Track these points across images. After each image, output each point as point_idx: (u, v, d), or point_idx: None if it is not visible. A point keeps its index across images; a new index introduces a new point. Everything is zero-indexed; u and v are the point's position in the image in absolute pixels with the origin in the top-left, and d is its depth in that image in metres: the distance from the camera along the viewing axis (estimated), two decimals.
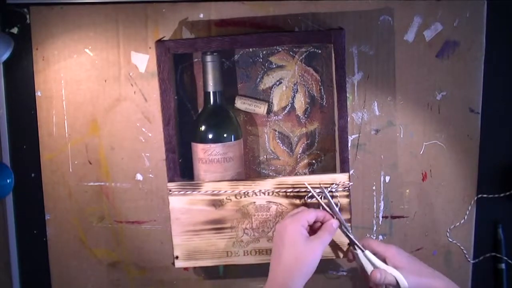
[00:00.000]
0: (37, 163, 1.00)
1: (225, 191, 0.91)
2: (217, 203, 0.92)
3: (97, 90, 0.98)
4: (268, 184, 0.91)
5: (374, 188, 1.00)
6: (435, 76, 0.97)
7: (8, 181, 0.99)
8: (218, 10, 0.95)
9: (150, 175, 1.00)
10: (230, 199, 0.91)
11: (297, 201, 0.91)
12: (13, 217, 1.02)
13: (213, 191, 0.91)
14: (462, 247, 1.02)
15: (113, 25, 0.96)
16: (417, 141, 0.99)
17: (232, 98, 0.97)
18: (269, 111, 0.98)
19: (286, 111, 0.98)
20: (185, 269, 1.03)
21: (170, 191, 0.91)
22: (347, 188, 0.90)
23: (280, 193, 0.91)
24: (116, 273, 1.03)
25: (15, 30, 0.97)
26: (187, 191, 0.91)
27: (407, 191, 1.00)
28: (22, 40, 0.97)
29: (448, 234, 1.01)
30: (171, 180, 0.92)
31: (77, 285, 1.04)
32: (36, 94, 0.98)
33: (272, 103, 0.98)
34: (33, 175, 1.01)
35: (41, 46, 0.97)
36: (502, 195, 1.00)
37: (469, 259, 1.02)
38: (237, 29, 0.95)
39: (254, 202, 0.91)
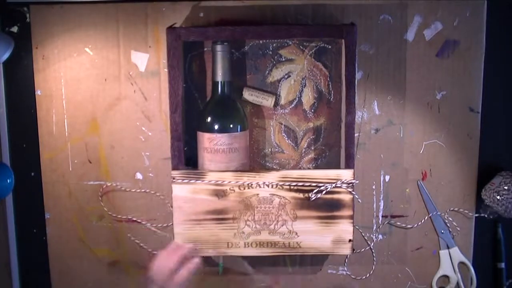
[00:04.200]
0: (37, 162, 1.00)
1: (229, 182, 0.91)
2: (220, 193, 0.91)
3: (97, 89, 0.98)
4: (272, 176, 0.91)
5: (374, 187, 1.00)
6: (435, 76, 0.97)
7: (8, 181, 0.99)
8: (218, 10, 0.95)
9: (150, 174, 1.00)
10: (234, 190, 0.91)
11: (300, 195, 0.91)
12: (13, 216, 1.02)
13: (217, 181, 0.91)
14: (462, 247, 1.02)
15: (113, 24, 0.96)
16: (417, 140, 0.99)
17: (240, 89, 0.97)
18: (276, 104, 0.98)
19: (293, 105, 0.98)
20: None
21: (173, 179, 0.91)
22: (351, 185, 0.90)
23: (284, 186, 0.91)
24: (116, 272, 1.03)
25: (15, 29, 0.97)
26: (190, 180, 0.91)
27: (407, 190, 1.00)
28: (22, 39, 0.97)
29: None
30: (175, 168, 0.91)
31: (77, 284, 1.04)
32: (36, 93, 0.98)
33: (279, 96, 0.98)
34: (33, 174, 1.01)
35: (41, 45, 0.97)
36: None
37: (469, 259, 1.02)
38: None
39: (258, 194, 0.91)
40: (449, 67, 0.97)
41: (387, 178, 1.00)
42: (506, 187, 0.95)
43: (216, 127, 0.92)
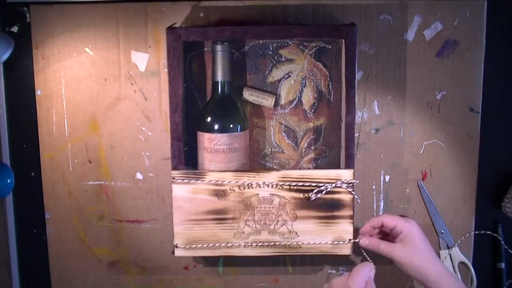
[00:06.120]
0: (37, 162, 1.00)
1: (229, 182, 0.91)
2: (220, 193, 0.91)
3: (97, 89, 0.98)
4: (272, 176, 0.91)
5: (374, 187, 1.00)
6: (435, 76, 0.97)
7: (8, 181, 0.99)
8: (218, 10, 0.95)
9: (150, 174, 1.00)
10: (234, 190, 0.91)
11: (301, 195, 0.91)
12: (13, 216, 1.02)
13: (217, 181, 0.91)
14: (462, 247, 1.01)
15: (113, 24, 0.96)
16: (417, 140, 0.99)
17: (240, 89, 0.97)
18: (276, 104, 0.98)
19: (293, 105, 0.98)
20: (185, 268, 1.03)
21: (173, 179, 0.91)
22: (351, 185, 0.90)
23: (284, 186, 0.91)
24: (116, 272, 1.04)
25: (15, 29, 0.97)
26: (190, 180, 0.91)
27: (407, 190, 1.00)
28: (22, 39, 0.97)
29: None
30: (175, 168, 0.92)
31: (77, 284, 1.04)
32: (36, 93, 0.98)
33: (279, 96, 0.98)
34: (33, 174, 1.01)
35: (41, 45, 0.97)
36: (502, 194, 1.00)
37: (469, 259, 1.02)
38: None
39: (258, 194, 0.91)
40: (449, 67, 0.97)
41: (387, 178, 1.00)
42: None
43: (216, 127, 0.92)
